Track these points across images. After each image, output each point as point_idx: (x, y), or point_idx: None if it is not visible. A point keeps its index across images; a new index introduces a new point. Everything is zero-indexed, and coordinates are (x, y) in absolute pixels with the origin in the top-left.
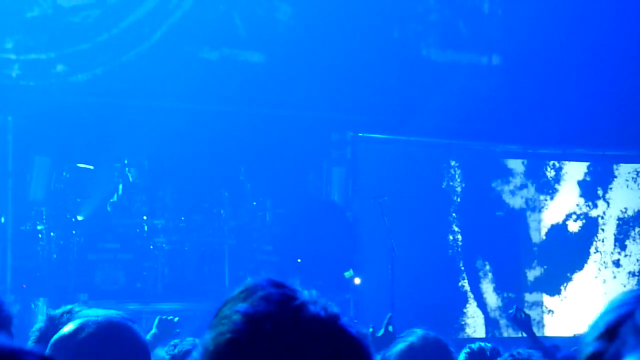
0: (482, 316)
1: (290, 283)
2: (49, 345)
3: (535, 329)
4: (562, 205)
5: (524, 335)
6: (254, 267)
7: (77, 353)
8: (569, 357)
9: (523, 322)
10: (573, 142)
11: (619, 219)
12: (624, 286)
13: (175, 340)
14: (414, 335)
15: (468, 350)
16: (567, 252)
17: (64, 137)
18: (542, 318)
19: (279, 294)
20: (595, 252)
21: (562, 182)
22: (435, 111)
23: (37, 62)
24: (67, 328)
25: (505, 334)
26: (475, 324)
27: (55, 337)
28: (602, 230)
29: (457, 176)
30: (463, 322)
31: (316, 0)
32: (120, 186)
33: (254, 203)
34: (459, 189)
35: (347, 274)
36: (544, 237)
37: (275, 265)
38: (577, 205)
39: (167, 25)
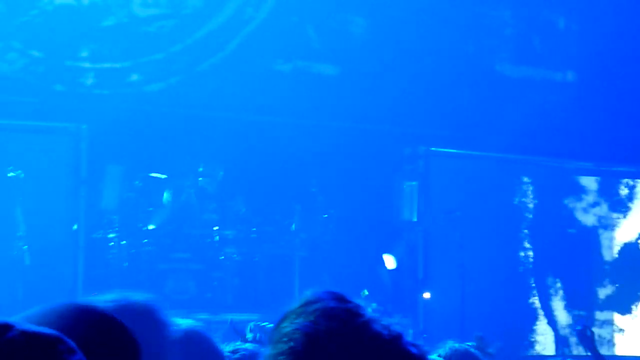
0: (552, 334)
1: (349, 296)
2: None
3: (605, 348)
4: (635, 223)
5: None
6: (325, 280)
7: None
8: None
9: (588, 339)
10: None
11: None
12: None
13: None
14: (444, 347)
15: None
16: (639, 271)
17: (137, 146)
18: (612, 337)
19: (340, 310)
20: None
21: (635, 201)
22: (508, 127)
23: (111, 71)
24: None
25: (575, 352)
26: (545, 342)
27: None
28: None
29: (529, 192)
30: (533, 340)
31: (391, 13)
32: (192, 196)
33: (325, 215)
34: (531, 206)
35: (363, 294)
36: (616, 255)
37: (344, 277)
38: None
39: (241, 37)
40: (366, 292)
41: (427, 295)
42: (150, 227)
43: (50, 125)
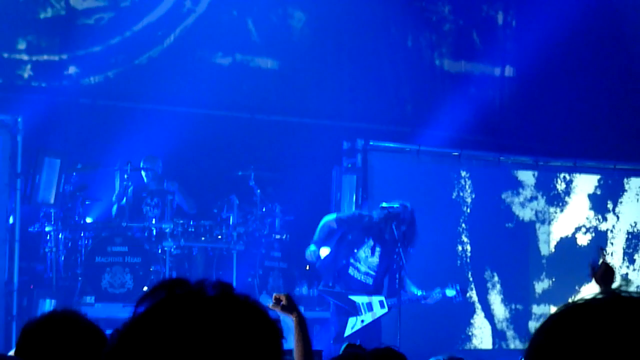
0: (490, 327)
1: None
2: None
3: None
4: (572, 218)
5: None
6: (261, 274)
7: None
8: None
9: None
10: (584, 154)
11: (628, 232)
12: None
13: None
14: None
15: None
16: (576, 264)
17: (74, 139)
18: None
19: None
20: None
21: (572, 195)
22: (447, 121)
23: (49, 63)
24: None
25: (512, 346)
26: (482, 335)
27: None
28: (612, 243)
29: (467, 187)
30: (470, 333)
31: (330, 8)
32: (130, 190)
33: (263, 209)
34: (469, 200)
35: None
36: (553, 250)
37: (283, 272)
38: (587, 218)
39: (180, 30)
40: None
41: None
42: (88, 220)
43: None
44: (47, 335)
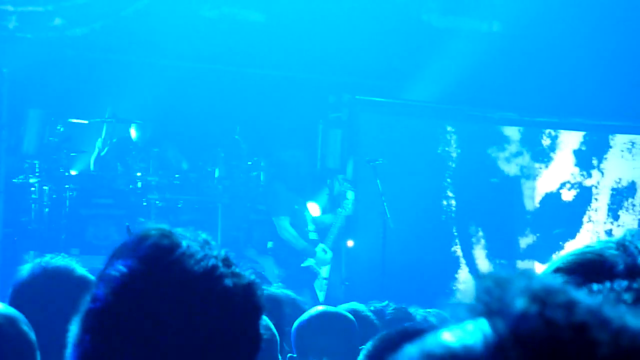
0: (474, 282)
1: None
2: None
3: None
4: (557, 173)
5: None
6: (247, 227)
7: None
8: None
9: None
10: (569, 111)
11: (612, 189)
12: None
13: None
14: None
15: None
16: (560, 220)
17: (59, 91)
18: None
19: (157, 248)
20: (588, 222)
21: (557, 151)
22: (433, 76)
23: (34, 14)
24: None
25: None
26: (466, 290)
27: None
28: (596, 199)
29: (452, 141)
30: (454, 288)
31: None
32: (115, 142)
33: (249, 163)
34: (454, 155)
35: (269, 245)
36: (538, 205)
37: (268, 225)
38: (572, 174)
39: None
40: (271, 244)
41: (350, 243)
42: (73, 172)
43: None
44: (41, 291)
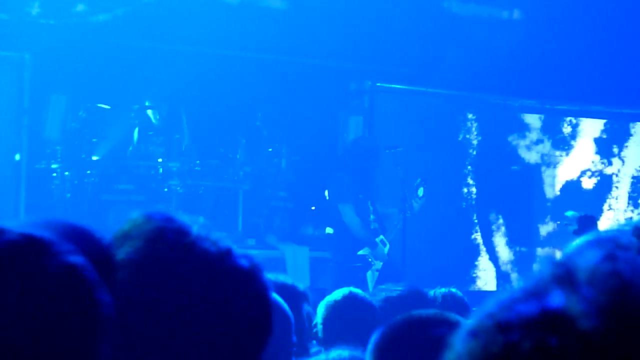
0: (494, 269)
1: (177, 215)
2: None
3: None
4: (577, 161)
5: None
6: (267, 213)
7: None
8: None
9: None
10: (591, 99)
11: (633, 177)
12: None
13: None
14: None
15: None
16: (581, 208)
17: (82, 76)
18: None
19: (168, 230)
20: (608, 210)
21: (578, 139)
22: (454, 64)
23: (57, 0)
24: None
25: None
26: (486, 277)
27: None
28: (616, 187)
29: (473, 129)
30: (474, 275)
31: None
32: (137, 128)
33: (270, 149)
34: (475, 142)
35: (329, 230)
36: (558, 193)
37: (289, 211)
38: (592, 162)
39: None
40: (330, 230)
41: None
42: (94, 158)
43: None
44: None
